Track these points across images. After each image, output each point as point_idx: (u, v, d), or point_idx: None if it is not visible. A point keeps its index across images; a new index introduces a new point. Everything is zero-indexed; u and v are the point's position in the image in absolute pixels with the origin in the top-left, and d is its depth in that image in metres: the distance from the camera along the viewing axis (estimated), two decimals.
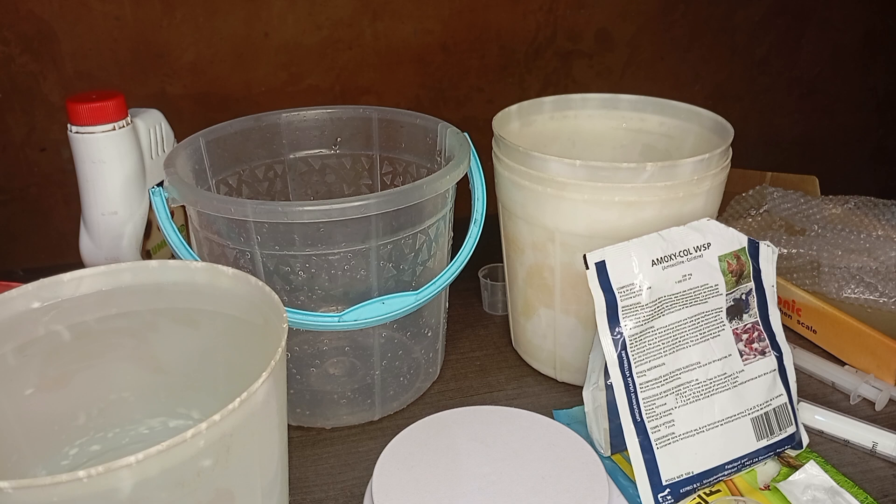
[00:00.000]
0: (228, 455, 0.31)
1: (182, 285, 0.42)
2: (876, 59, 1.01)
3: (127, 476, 0.28)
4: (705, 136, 0.60)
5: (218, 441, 0.30)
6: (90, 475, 0.27)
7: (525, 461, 0.46)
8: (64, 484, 0.26)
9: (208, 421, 0.29)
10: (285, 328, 0.36)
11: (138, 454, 0.27)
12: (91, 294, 0.41)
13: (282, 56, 0.79)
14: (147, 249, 0.60)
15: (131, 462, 0.27)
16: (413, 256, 0.52)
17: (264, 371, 0.32)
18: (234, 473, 0.33)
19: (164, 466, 0.29)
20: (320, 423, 0.56)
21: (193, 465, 0.30)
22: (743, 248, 0.50)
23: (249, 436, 0.33)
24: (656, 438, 0.46)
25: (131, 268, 0.42)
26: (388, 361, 0.55)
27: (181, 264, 0.42)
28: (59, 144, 0.76)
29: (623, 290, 0.47)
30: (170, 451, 0.28)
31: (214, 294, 0.42)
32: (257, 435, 0.34)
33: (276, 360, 0.33)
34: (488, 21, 0.83)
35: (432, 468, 0.45)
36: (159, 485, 0.29)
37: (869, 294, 0.65)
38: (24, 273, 0.77)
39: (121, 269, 0.42)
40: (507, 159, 0.55)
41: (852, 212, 0.75)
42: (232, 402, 0.30)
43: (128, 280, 0.42)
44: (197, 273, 0.42)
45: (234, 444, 0.32)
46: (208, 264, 0.42)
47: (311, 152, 0.63)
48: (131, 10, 0.73)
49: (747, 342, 0.50)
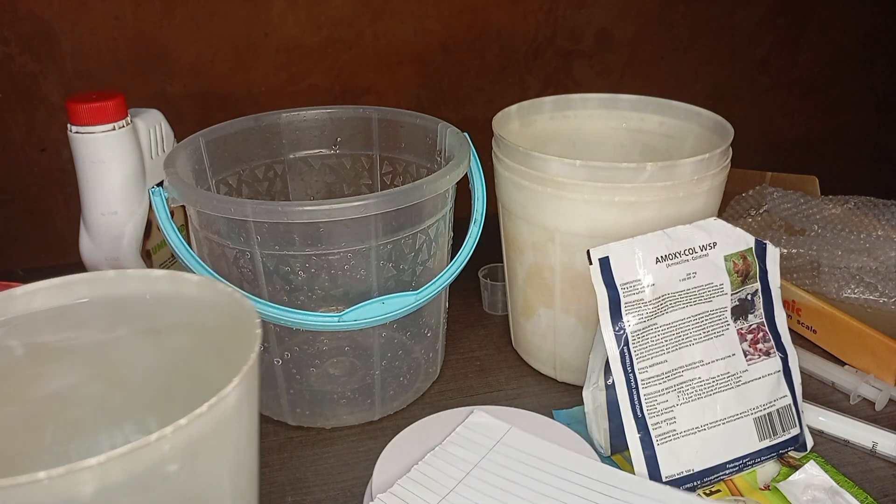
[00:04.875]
0: (196, 461, 0.31)
1: (142, 295, 0.41)
2: (876, 59, 1.01)
3: (89, 478, 0.27)
4: (705, 136, 0.60)
5: (185, 446, 0.29)
6: (50, 476, 0.26)
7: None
8: (23, 486, 0.26)
9: (174, 424, 0.28)
10: (258, 333, 0.35)
11: (100, 456, 0.27)
12: (46, 309, 0.39)
13: (282, 56, 0.79)
14: (147, 249, 0.60)
15: (93, 464, 0.26)
16: (413, 256, 0.52)
17: (236, 376, 0.31)
18: (203, 480, 0.32)
19: (127, 470, 0.28)
20: (320, 423, 0.56)
21: (159, 469, 0.29)
22: (750, 248, 0.50)
23: (219, 442, 0.32)
24: (657, 435, 0.46)
25: (87, 279, 0.40)
26: (388, 361, 0.55)
27: (141, 273, 0.40)
28: (59, 144, 0.76)
29: (626, 286, 0.47)
30: (133, 454, 0.27)
31: (178, 303, 0.40)
32: (228, 441, 0.33)
33: (248, 366, 0.32)
34: (488, 21, 0.83)
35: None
36: (123, 489, 0.28)
37: (869, 294, 0.65)
38: (24, 273, 0.77)
39: (75, 281, 0.40)
40: (507, 159, 0.55)
41: (852, 212, 0.75)
42: (200, 407, 0.29)
43: (84, 292, 0.40)
44: (158, 282, 0.40)
45: (203, 450, 0.31)
46: (170, 272, 0.40)
47: (311, 152, 0.63)
48: (131, 10, 0.73)
49: (752, 342, 0.50)
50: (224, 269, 0.51)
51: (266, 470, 0.52)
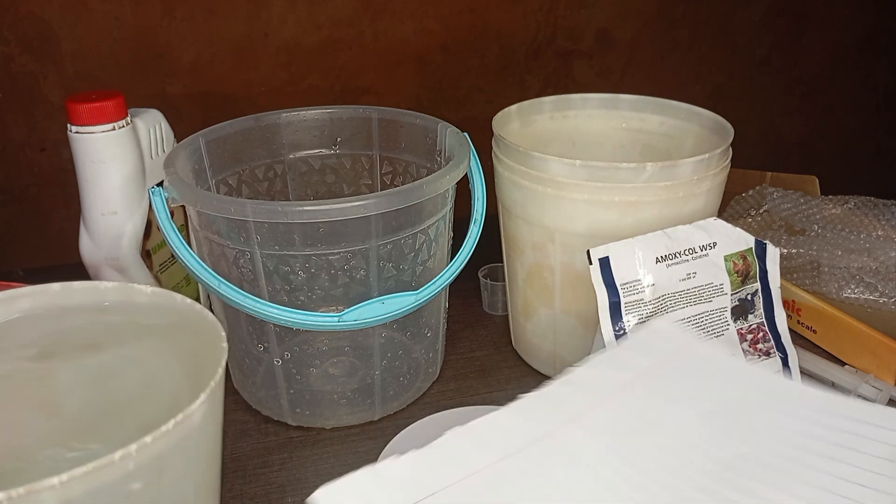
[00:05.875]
0: (161, 478, 0.30)
1: (90, 309, 0.39)
2: (876, 59, 1.01)
3: (50, 499, 0.26)
4: (705, 136, 0.60)
5: (149, 464, 0.29)
6: (10, 497, 0.25)
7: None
8: None
9: (138, 443, 0.28)
10: (224, 347, 0.34)
11: (62, 475, 0.26)
12: None
13: (282, 56, 0.79)
14: (147, 249, 0.60)
15: (55, 484, 0.26)
16: (413, 256, 0.52)
17: (203, 392, 0.31)
18: (168, 497, 0.31)
19: (89, 489, 0.27)
20: (320, 423, 0.56)
21: (122, 488, 0.28)
22: (750, 248, 0.50)
23: (184, 459, 0.31)
24: None
25: (30, 293, 0.38)
26: (388, 361, 0.55)
27: (89, 286, 0.39)
28: (59, 144, 0.76)
29: (626, 286, 0.47)
30: (95, 473, 0.27)
31: (129, 316, 0.39)
32: (192, 459, 0.32)
33: (215, 381, 0.32)
34: (488, 21, 0.83)
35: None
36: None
37: (869, 294, 0.65)
38: (24, 273, 0.77)
39: (18, 294, 0.38)
40: (507, 159, 0.55)
41: (852, 212, 0.75)
42: (166, 424, 0.29)
43: (26, 306, 0.38)
44: (107, 294, 0.39)
45: (167, 468, 0.30)
46: (120, 284, 0.39)
47: (311, 152, 0.63)
48: (131, 10, 0.73)
49: (752, 342, 0.50)
50: (224, 269, 0.51)
51: (266, 470, 0.52)
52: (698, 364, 0.39)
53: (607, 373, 0.39)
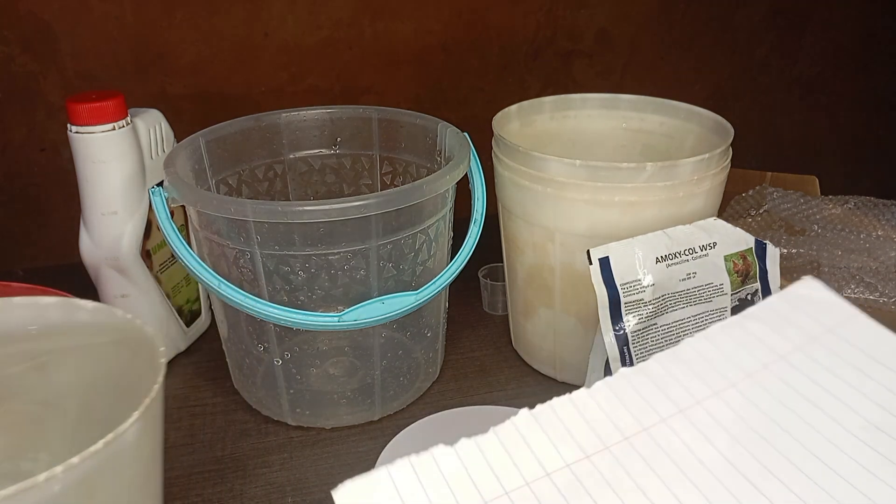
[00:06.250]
0: (92, 500, 0.29)
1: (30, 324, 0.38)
2: (876, 59, 1.01)
3: None
4: (705, 136, 0.60)
5: (77, 486, 0.27)
6: None
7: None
8: None
9: (65, 464, 0.26)
10: (162, 363, 0.33)
11: None
12: None
13: (282, 56, 0.79)
14: (147, 249, 0.60)
15: None
16: (413, 256, 0.52)
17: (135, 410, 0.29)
18: None
19: None
20: (320, 423, 0.56)
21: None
22: (750, 248, 0.50)
23: (117, 481, 0.30)
24: None
25: None
26: (388, 361, 0.55)
27: (29, 301, 0.38)
28: (59, 144, 0.76)
29: (626, 286, 0.47)
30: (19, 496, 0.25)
31: (71, 332, 0.38)
32: (127, 480, 0.31)
33: (150, 398, 0.30)
34: (488, 21, 0.83)
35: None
36: None
37: (869, 294, 0.65)
38: (24, 273, 0.77)
39: None
40: (507, 159, 0.55)
41: (852, 212, 0.75)
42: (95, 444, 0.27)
43: None
44: (48, 309, 0.38)
45: (99, 489, 0.29)
46: (62, 299, 0.38)
47: (311, 152, 0.63)
48: (131, 10, 0.73)
49: None
50: (224, 269, 0.51)
51: (266, 470, 0.52)
52: (869, 348, 0.26)
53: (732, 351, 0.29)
